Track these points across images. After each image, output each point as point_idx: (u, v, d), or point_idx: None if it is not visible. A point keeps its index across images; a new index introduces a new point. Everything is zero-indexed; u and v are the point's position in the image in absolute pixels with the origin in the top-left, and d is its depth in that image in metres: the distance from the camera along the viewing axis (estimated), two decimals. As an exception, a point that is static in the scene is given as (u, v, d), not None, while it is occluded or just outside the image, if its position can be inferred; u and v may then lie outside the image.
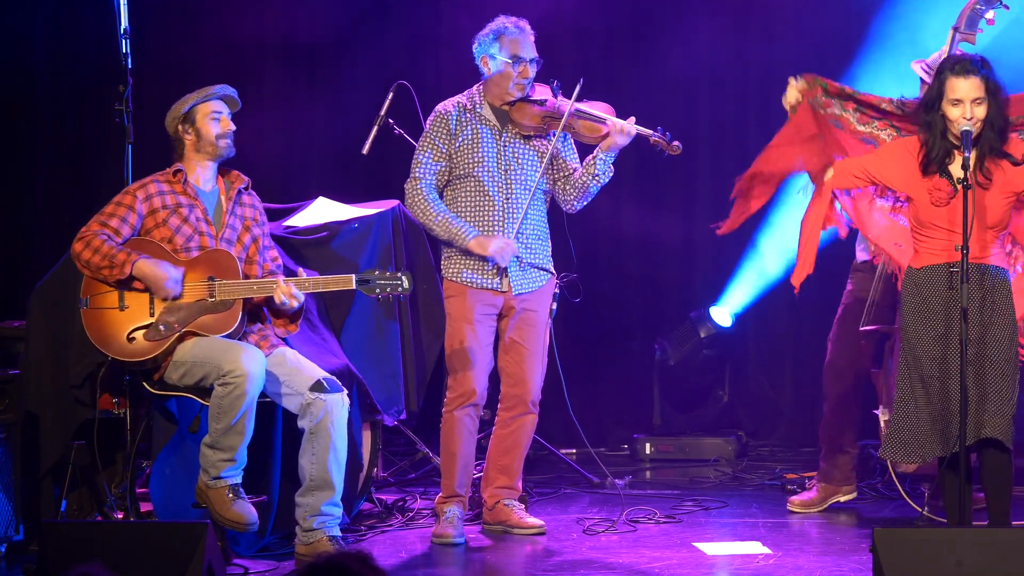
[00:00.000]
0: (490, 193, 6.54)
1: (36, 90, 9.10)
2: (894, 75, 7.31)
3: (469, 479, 6.68)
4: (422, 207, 6.52)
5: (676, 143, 6.57)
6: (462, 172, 6.55)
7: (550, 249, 6.72)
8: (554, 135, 6.53)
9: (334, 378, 6.12)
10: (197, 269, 6.07)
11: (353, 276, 6.06)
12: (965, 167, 5.56)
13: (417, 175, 6.55)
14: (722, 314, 8.86)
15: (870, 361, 7.01)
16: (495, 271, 6.53)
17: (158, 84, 8.88)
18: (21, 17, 8.98)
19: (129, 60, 6.39)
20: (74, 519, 6.36)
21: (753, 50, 9.03)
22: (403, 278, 6.05)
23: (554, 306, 6.67)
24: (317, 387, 6.00)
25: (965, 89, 5.66)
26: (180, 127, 6.17)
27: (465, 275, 6.55)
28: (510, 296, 6.57)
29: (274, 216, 6.84)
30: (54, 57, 9.08)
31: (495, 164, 6.55)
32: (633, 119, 6.54)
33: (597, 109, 6.57)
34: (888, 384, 6.91)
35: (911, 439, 5.79)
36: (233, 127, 6.20)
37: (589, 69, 8.84)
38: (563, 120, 6.48)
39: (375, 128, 7.24)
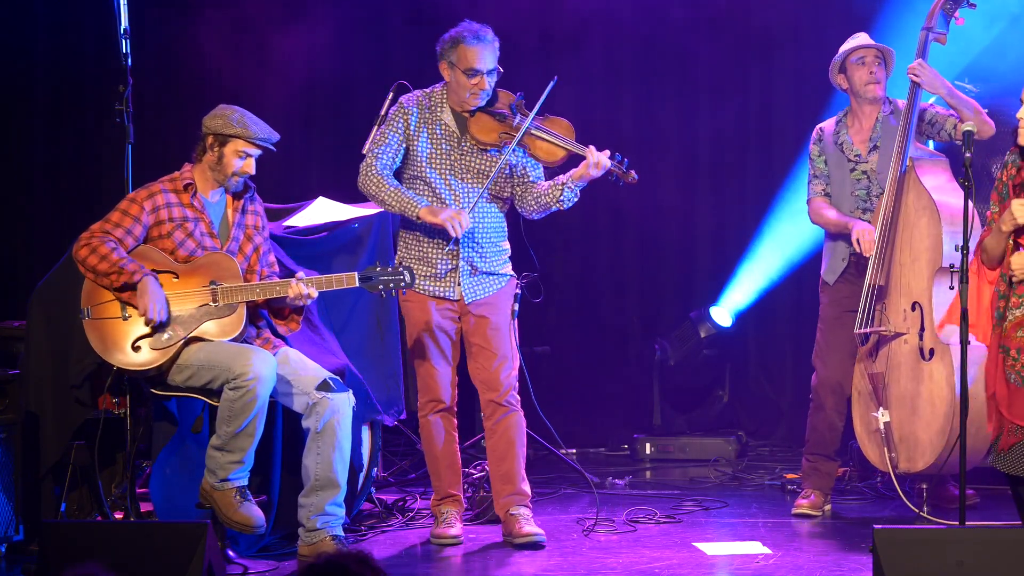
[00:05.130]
0: (442, 196, 6.46)
1: (36, 90, 9.10)
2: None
3: (458, 478, 6.65)
4: (375, 180, 6.42)
5: (632, 172, 6.46)
6: (414, 173, 6.50)
7: (508, 253, 6.62)
8: (507, 149, 6.46)
9: (338, 377, 6.14)
10: (198, 274, 6.08)
11: (356, 274, 6.06)
12: (967, 167, 5.53)
13: (375, 152, 6.47)
14: (722, 314, 8.86)
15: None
16: (448, 280, 6.45)
17: (158, 84, 8.90)
18: (21, 17, 8.98)
19: (129, 60, 6.39)
20: (74, 519, 6.37)
21: (754, 53, 9.03)
22: (405, 272, 6.05)
23: (515, 307, 6.59)
24: (324, 387, 6.01)
25: None
26: (212, 138, 6.16)
27: (418, 283, 6.48)
28: (464, 303, 6.53)
29: (274, 216, 6.84)
30: (54, 57, 9.08)
31: (448, 169, 6.47)
32: (608, 152, 6.40)
33: (557, 128, 6.46)
34: (887, 386, 6.90)
35: None
36: (252, 171, 6.18)
37: (584, 72, 8.88)
38: (517, 137, 6.41)
39: (375, 128, 7.23)
